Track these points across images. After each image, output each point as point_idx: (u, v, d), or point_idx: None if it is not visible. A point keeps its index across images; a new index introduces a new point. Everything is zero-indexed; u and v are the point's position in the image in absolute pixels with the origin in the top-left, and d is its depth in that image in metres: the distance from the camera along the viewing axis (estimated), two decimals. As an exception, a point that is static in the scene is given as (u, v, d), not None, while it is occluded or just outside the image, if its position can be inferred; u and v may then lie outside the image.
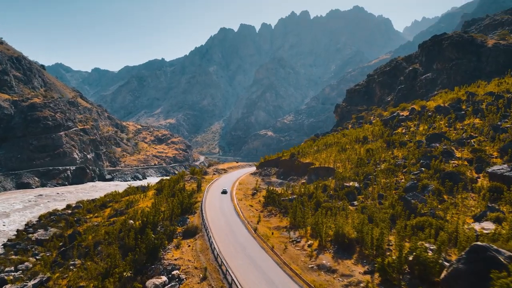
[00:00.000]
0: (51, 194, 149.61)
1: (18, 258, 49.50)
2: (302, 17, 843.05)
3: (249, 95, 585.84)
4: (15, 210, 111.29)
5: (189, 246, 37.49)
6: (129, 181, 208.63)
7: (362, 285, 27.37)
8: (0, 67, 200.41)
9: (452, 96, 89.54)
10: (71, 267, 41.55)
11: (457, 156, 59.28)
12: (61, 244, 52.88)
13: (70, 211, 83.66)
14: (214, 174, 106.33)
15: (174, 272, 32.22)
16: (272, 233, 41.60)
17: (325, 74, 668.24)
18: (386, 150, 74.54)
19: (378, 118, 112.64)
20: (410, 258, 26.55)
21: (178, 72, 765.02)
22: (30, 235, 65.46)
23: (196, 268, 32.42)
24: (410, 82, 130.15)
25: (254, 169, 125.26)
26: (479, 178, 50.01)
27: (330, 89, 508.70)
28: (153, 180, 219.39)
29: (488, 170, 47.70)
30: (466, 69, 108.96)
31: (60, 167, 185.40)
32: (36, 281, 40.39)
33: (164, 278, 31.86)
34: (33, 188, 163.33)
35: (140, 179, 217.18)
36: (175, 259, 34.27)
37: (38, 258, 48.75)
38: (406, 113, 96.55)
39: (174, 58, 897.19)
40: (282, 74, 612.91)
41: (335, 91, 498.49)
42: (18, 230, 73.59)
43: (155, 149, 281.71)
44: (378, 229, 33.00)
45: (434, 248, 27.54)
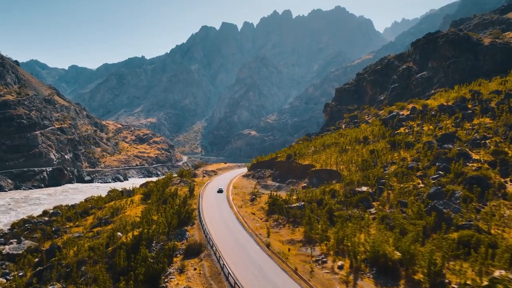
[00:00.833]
0: (26, 197, 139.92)
1: (-16, 279, 42.32)
2: (284, 16, 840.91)
3: (231, 94, 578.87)
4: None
5: (195, 269, 31.32)
6: (109, 182, 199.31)
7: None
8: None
9: (455, 94, 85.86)
10: (49, 293, 34.97)
11: (474, 158, 55.03)
12: (36, 260, 45.75)
13: (47, 218, 75.86)
14: (204, 176, 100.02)
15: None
16: (288, 249, 35.91)
17: (307, 73, 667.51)
18: (391, 152, 70.02)
19: (375, 118, 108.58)
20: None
21: (159, 70, 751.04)
22: (1, 248, 57.79)
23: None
24: (405, 81, 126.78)
25: (244, 170, 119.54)
26: (507, 183, 45.74)
27: (314, 88, 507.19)
28: (135, 181, 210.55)
29: (520, 174, 43.28)
30: (464, 67, 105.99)
31: (35, 168, 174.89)
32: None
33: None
34: (5, 191, 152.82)
35: (121, 181, 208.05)
36: (182, 289, 28.10)
37: (8, 279, 41.61)
38: (406, 112, 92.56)
39: (154, 56, 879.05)
40: (265, 73, 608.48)
41: (319, 91, 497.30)
42: (-13, 241, 65.60)
43: (137, 149, 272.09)
44: (428, 248, 27.65)
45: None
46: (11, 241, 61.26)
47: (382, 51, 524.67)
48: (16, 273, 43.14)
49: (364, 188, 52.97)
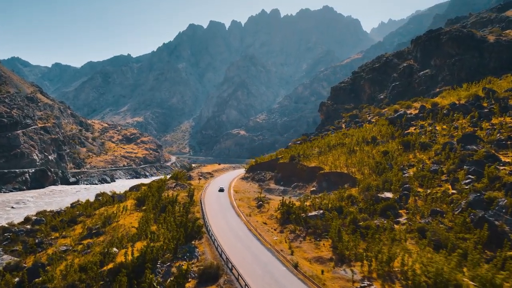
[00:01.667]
0: (6, 201, 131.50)
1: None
2: (272, 15, 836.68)
3: (220, 93, 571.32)
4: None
5: (216, 302, 25.76)
6: (96, 184, 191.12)
7: None
8: None
9: (467, 93, 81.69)
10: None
11: (503, 160, 50.50)
12: (17, 281, 39.29)
13: (29, 227, 68.76)
14: (200, 179, 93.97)
15: None
16: (322, 271, 30.36)
17: (296, 73, 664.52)
18: (406, 153, 65.30)
19: (378, 117, 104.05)
20: None
21: (145, 68, 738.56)
22: (-24, 263, 50.82)
23: None
24: (406, 79, 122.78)
25: (241, 172, 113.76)
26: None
27: (303, 88, 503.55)
28: (122, 182, 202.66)
29: None
30: (471, 65, 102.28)
31: (17, 170, 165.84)
32: None
33: None
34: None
35: (108, 182, 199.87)
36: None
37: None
38: (414, 111, 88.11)
39: (141, 54, 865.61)
40: (254, 72, 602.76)
41: (308, 90, 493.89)
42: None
43: (124, 149, 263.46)
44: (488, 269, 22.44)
45: None
46: (-12, 254, 54.41)
47: (371, 51, 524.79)
48: (-8, 297, 36.72)
49: (387, 194, 47.85)
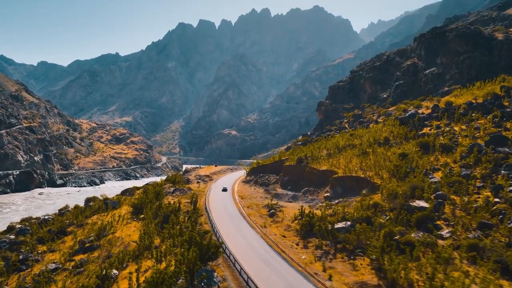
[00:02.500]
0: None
1: None
2: (262, 14, 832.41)
3: (210, 93, 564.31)
4: None
5: None
6: (84, 186, 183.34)
7: None
8: None
9: (483, 91, 77.35)
10: None
11: (543, 164, 45.88)
12: (-2, 309, 33.19)
13: (13, 237, 62.01)
14: (199, 182, 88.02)
15: None
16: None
17: (287, 72, 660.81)
18: (425, 155, 60.44)
19: (385, 117, 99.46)
20: None
21: (134, 67, 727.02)
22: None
23: None
24: (410, 78, 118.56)
25: (240, 174, 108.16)
26: None
27: (295, 87, 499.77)
28: (112, 184, 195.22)
29: None
30: (481, 63, 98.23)
31: (0, 172, 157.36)
32: None
33: None
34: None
35: (97, 184, 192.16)
36: None
37: None
38: (427, 110, 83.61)
39: (129, 53, 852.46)
40: (244, 72, 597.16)
41: (300, 90, 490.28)
42: None
43: (113, 149, 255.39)
44: None
45: None
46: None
47: (363, 51, 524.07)
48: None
49: (420, 202, 42.69)
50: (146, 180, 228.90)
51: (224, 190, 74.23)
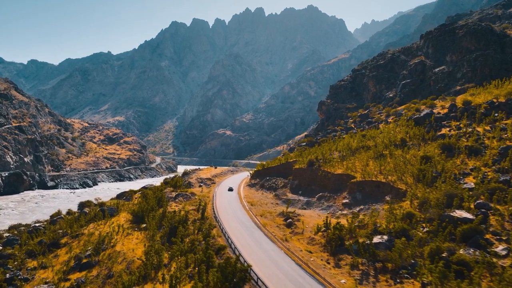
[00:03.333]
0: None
1: None
2: (256, 14, 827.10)
3: (204, 92, 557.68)
4: None
5: None
6: (77, 188, 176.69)
7: None
8: None
9: (505, 90, 73.03)
10: None
11: None
12: None
13: (0, 248, 56.41)
14: (201, 186, 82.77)
15: None
16: None
17: (282, 72, 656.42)
18: (450, 159, 55.97)
19: (394, 116, 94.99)
20: None
21: (126, 66, 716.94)
22: None
23: None
24: (418, 76, 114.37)
25: (243, 176, 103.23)
26: None
27: (290, 87, 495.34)
28: (105, 186, 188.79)
29: None
30: (494, 61, 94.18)
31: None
32: None
33: None
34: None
35: (90, 186, 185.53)
36: None
37: None
38: (443, 110, 79.20)
39: (121, 52, 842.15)
40: (239, 71, 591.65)
41: (295, 90, 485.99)
42: None
43: (106, 150, 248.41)
44: None
45: None
46: None
47: (358, 51, 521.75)
48: None
49: (462, 213, 37.99)
50: (140, 181, 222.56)
51: (230, 189, 76.02)
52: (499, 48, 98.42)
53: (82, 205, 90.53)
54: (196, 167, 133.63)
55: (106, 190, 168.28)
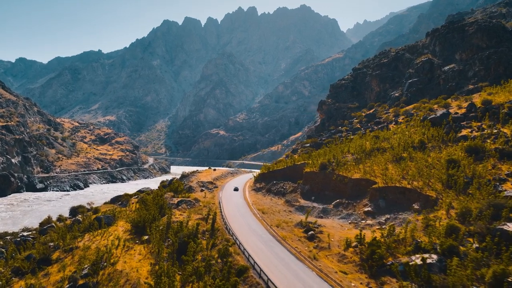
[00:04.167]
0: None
1: None
2: (249, 13, 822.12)
3: (197, 92, 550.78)
4: None
5: None
6: (67, 190, 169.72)
7: None
8: None
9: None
10: None
11: None
12: None
13: (-17, 262, 50.38)
14: (203, 190, 77.37)
15: None
16: None
17: (275, 72, 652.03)
18: (479, 163, 51.53)
19: (405, 117, 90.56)
20: None
21: (117, 65, 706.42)
22: None
23: None
24: (426, 75, 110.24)
25: (245, 179, 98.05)
26: None
27: (284, 87, 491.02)
28: (97, 188, 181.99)
29: None
30: (509, 59, 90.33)
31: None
32: None
33: None
34: None
35: (81, 188, 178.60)
36: None
37: None
38: (460, 110, 74.93)
39: (112, 50, 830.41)
40: (232, 71, 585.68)
41: (289, 89, 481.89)
42: None
43: (97, 150, 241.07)
44: None
45: None
46: None
47: (352, 50, 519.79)
48: None
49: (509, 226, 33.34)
50: (133, 182, 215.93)
51: (235, 189, 77.60)
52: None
53: (74, 210, 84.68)
54: (194, 169, 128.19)
55: (99, 193, 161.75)
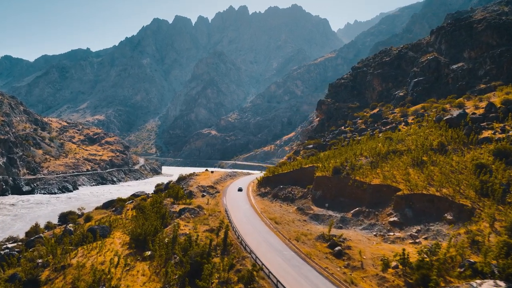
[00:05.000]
0: None
1: None
2: (240, 12, 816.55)
3: (188, 91, 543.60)
4: None
5: None
6: (55, 193, 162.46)
7: None
8: None
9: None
10: None
11: None
12: None
13: (-39, 280, 44.32)
14: (204, 195, 72.07)
15: None
16: None
17: (266, 71, 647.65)
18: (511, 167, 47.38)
19: (415, 117, 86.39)
20: None
21: (106, 63, 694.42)
22: None
23: None
24: (432, 74, 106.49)
25: (245, 181, 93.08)
26: None
27: (276, 86, 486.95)
28: (87, 190, 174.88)
29: None
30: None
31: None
32: None
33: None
34: None
35: (70, 190, 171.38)
36: None
37: None
38: (478, 110, 70.93)
39: (101, 49, 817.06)
40: (223, 70, 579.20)
41: (282, 89, 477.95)
42: None
43: (87, 150, 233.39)
44: None
45: None
46: None
47: (344, 50, 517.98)
48: None
49: None
50: (124, 184, 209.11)
51: (239, 190, 77.83)
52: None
53: (64, 217, 78.67)
54: (186, 169, 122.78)
55: (89, 195, 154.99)
